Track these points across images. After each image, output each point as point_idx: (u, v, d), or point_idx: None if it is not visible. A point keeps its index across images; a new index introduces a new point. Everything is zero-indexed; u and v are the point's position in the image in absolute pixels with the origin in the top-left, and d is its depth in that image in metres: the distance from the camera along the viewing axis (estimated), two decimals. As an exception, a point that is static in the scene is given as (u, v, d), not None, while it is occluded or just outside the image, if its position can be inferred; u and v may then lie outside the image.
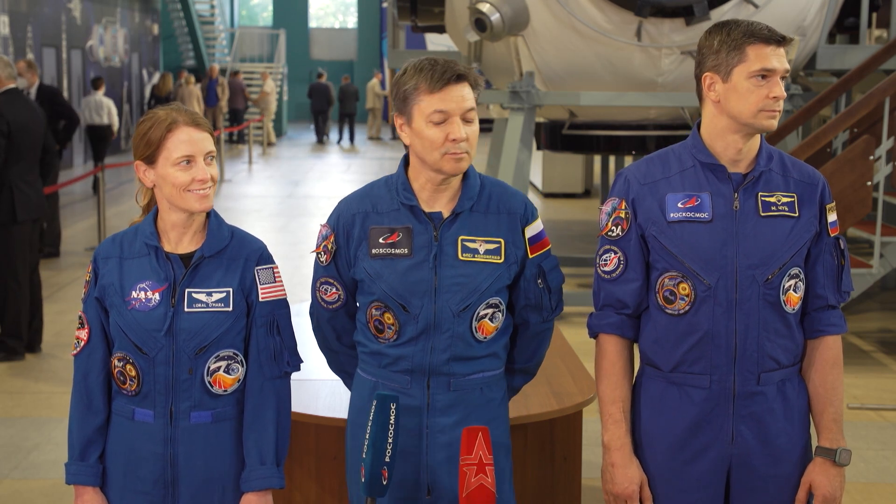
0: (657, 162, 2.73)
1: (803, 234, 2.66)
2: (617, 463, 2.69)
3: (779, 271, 2.63)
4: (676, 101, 8.13)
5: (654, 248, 2.68)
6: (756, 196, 2.65)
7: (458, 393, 2.69)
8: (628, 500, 2.69)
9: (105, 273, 2.68)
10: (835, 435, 2.70)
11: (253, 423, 2.69)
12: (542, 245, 2.75)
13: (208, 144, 2.64)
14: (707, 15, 7.67)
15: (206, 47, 29.35)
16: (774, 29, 2.63)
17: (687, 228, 2.64)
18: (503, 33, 7.95)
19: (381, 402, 2.42)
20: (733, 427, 2.66)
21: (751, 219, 2.64)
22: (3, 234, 6.94)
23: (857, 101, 7.04)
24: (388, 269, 2.66)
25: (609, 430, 2.71)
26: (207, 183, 2.61)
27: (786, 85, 7.67)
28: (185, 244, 2.68)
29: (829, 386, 2.70)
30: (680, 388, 2.68)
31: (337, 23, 37.66)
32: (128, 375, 2.66)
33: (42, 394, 6.41)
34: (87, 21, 20.43)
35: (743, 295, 2.62)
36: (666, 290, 2.67)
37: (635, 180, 2.71)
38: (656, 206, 2.67)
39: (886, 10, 9.33)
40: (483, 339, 2.70)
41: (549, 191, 15.21)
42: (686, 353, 2.66)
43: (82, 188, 15.68)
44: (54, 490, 4.92)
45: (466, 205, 2.68)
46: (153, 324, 2.63)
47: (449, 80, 2.59)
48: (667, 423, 2.69)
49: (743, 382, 2.65)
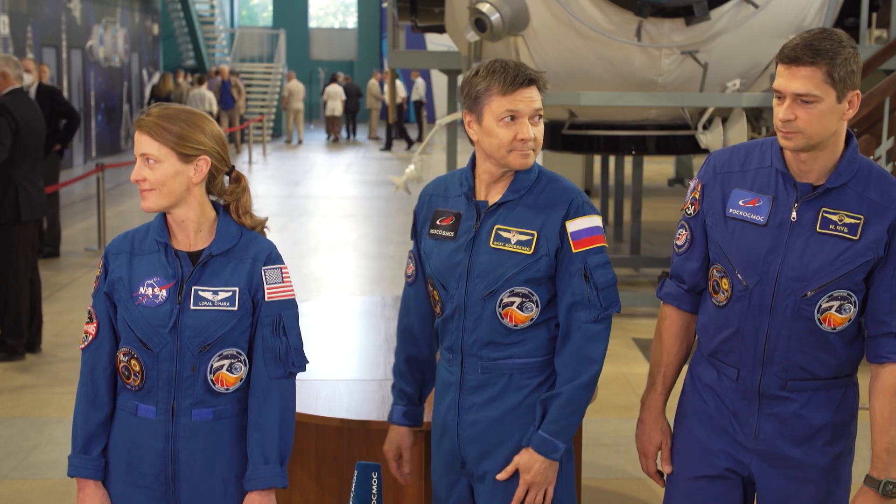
0: (742, 152, 2.74)
1: (858, 258, 2.58)
2: (644, 420, 2.88)
3: (819, 290, 2.60)
4: (676, 101, 8.12)
5: (709, 238, 2.75)
6: (818, 210, 2.60)
7: (487, 375, 2.81)
8: (646, 457, 2.87)
9: (115, 268, 2.71)
10: (885, 465, 2.63)
11: (257, 423, 2.70)
12: (589, 241, 2.77)
13: (142, 147, 2.64)
14: (707, 15, 7.67)
15: (206, 47, 29.36)
16: (803, 47, 2.52)
17: (740, 227, 2.67)
18: (503, 33, 7.95)
19: (361, 473, 2.45)
20: (758, 424, 2.70)
21: (805, 232, 2.61)
22: (5, 234, 6.94)
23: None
24: (437, 249, 2.86)
25: (646, 390, 2.89)
26: (143, 185, 2.64)
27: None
28: (194, 242, 2.70)
29: (887, 415, 2.63)
30: (718, 373, 2.76)
31: (337, 23, 37.67)
32: (132, 370, 2.68)
33: (42, 394, 6.42)
34: (87, 21, 20.44)
35: (779, 304, 2.63)
36: (713, 281, 2.74)
37: (715, 167, 2.75)
38: (721, 197, 2.71)
39: (886, 10, 9.33)
40: (513, 326, 2.77)
41: (549, 191, 15.19)
42: (720, 343, 2.73)
43: (82, 188, 15.68)
44: (54, 490, 4.92)
45: (511, 196, 2.79)
46: (158, 320, 2.64)
47: (521, 83, 2.72)
48: (702, 395, 2.78)
49: (768, 384, 2.68)
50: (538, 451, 2.74)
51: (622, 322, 8.04)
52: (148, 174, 2.64)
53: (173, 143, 2.63)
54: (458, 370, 2.84)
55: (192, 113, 2.69)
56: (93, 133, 20.49)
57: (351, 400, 3.62)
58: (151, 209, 2.68)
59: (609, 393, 6.10)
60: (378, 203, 15.36)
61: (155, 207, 2.67)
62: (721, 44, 7.92)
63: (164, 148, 2.63)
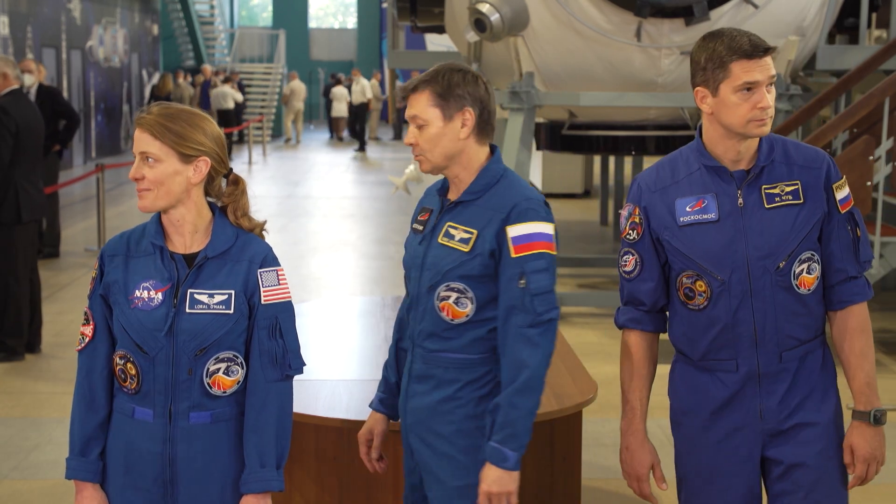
0: (667, 167, 2.87)
1: (810, 218, 2.76)
2: (630, 447, 2.93)
3: (789, 258, 2.75)
4: (676, 101, 8.12)
5: (669, 250, 2.83)
6: (760, 190, 2.77)
7: (428, 366, 2.89)
8: (639, 480, 2.92)
9: (111, 270, 2.69)
10: (868, 398, 2.82)
11: (254, 426, 2.69)
12: (530, 247, 2.77)
13: (142, 145, 2.63)
14: (707, 15, 7.67)
15: (205, 48, 29.35)
16: (757, 40, 2.72)
17: (697, 230, 2.78)
18: (503, 34, 7.95)
19: None
20: (760, 404, 2.80)
21: (757, 212, 2.76)
22: (6, 234, 6.94)
23: (857, 102, 7.04)
24: (411, 241, 2.98)
25: (625, 417, 2.96)
26: (142, 183, 2.63)
27: (785, 86, 7.68)
28: (189, 244, 2.69)
29: (858, 352, 2.82)
30: (711, 373, 2.84)
31: (337, 23, 37.66)
32: (128, 374, 2.66)
33: (42, 394, 6.42)
34: (86, 21, 20.44)
35: (757, 285, 2.75)
36: (685, 288, 2.83)
37: (646, 187, 2.86)
38: (667, 211, 2.82)
39: (886, 10, 9.32)
40: (450, 321, 2.84)
41: (549, 191, 15.20)
42: (710, 343, 2.81)
43: (82, 188, 15.68)
44: (54, 490, 4.92)
45: (468, 196, 2.85)
46: (154, 323, 2.63)
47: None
48: (699, 401, 2.86)
49: (766, 363, 2.79)
50: (490, 461, 2.74)
51: (622, 322, 7.97)
52: (147, 172, 2.62)
53: (174, 142, 2.62)
54: (410, 359, 2.94)
55: (193, 113, 2.68)
56: (93, 133, 20.49)
57: (350, 400, 3.62)
58: (148, 209, 2.66)
59: (609, 393, 6.08)
60: (378, 203, 15.36)
61: (152, 207, 2.66)
62: (721, 44, 7.91)
63: (165, 147, 2.62)
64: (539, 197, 2.83)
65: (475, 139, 2.84)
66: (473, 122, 2.81)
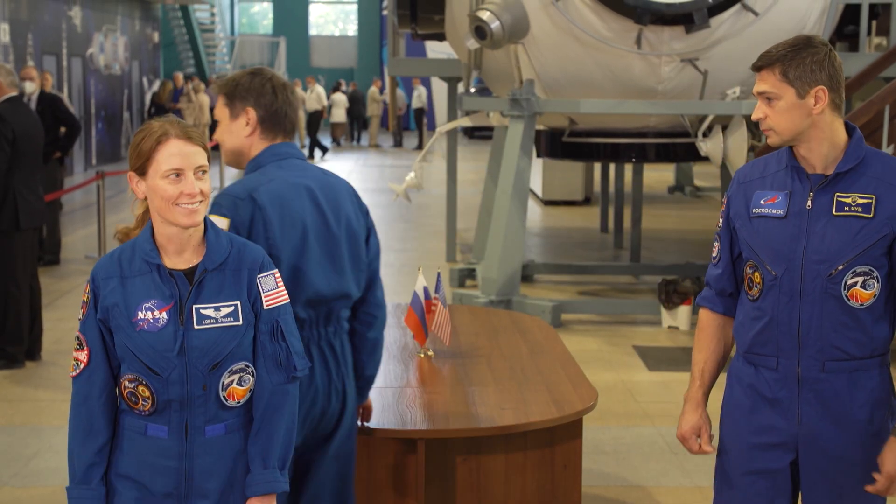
0: (761, 163, 2.98)
1: (874, 234, 2.78)
2: (684, 411, 3.05)
3: (843, 267, 2.79)
4: (676, 108, 8.13)
5: (739, 239, 2.96)
6: (832, 196, 2.82)
7: None
8: (684, 440, 3.04)
9: (107, 294, 2.63)
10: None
11: (259, 429, 2.69)
12: None
13: (199, 159, 2.62)
14: (707, 23, 7.68)
15: (206, 55, 29.39)
16: (764, 54, 2.81)
17: (763, 223, 2.88)
18: (503, 41, 7.96)
19: None
20: (800, 408, 2.84)
21: (823, 217, 2.81)
22: (5, 242, 6.94)
23: (857, 109, 7.05)
24: None
25: (688, 387, 3.06)
26: (197, 197, 2.58)
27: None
28: (185, 259, 2.65)
29: None
30: (755, 368, 2.92)
31: (337, 31, 37.69)
32: (140, 396, 2.63)
33: (42, 401, 6.41)
34: (87, 29, 20.46)
35: (807, 287, 2.81)
36: (748, 278, 2.94)
37: (738, 179, 2.99)
38: (745, 202, 2.93)
39: (886, 18, 9.34)
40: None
41: (549, 198, 15.22)
42: (756, 335, 2.89)
43: (82, 196, 15.68)
44: (54, 497, 4.91)
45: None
46: (164, 344, 2.60)
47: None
48: (742, 393, 2.94)
49: (807, 368, 2.83)
50: None
51: (622, 330, 8.01)
52: (203, 187, 2.62)
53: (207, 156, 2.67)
54: None
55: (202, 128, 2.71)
56: (93, 141, 20.50)
57: (351, 407, 3.61)
58: (198, 224, 2.63)
59: (609, 400, 6.08)
60: (378, 210, 15.35)
61: (200, 221, 2.64)
62: (721, 51, 7.93)
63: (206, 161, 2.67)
64: None
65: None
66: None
